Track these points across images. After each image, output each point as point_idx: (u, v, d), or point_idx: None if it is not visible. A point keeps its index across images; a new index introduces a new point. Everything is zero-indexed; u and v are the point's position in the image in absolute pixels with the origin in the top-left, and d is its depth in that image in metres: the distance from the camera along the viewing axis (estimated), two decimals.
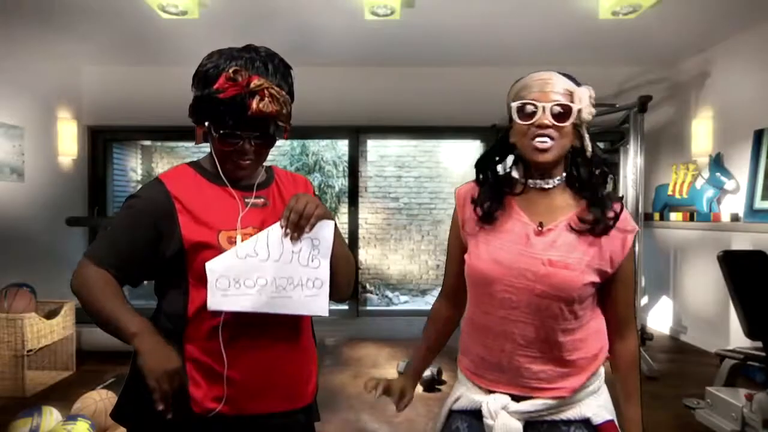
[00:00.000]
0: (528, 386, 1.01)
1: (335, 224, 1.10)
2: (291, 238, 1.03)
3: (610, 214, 1.00)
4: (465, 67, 4.54)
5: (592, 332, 1.04)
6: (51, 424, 2.23)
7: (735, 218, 3.59)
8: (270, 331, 1.07)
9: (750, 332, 2.38)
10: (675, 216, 4.11)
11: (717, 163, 3.76)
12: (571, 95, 0.99)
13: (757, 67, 3.53)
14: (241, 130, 1.03)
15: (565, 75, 1.02)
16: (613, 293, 1.05)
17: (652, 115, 4.22)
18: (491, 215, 1.06)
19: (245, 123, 1.02)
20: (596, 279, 1.00)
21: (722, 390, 2.46)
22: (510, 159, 1.11)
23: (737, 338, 3.30)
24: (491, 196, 1.07)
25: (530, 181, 1.05)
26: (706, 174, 3.82)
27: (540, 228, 1.02)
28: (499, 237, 1.04)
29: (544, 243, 1.00)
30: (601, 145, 5.12)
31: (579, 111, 0.99)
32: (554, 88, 0.99)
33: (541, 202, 1.05)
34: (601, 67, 4.48)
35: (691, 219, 3.93)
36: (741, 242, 3.49)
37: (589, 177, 1.03)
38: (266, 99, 1.00)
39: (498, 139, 1.11)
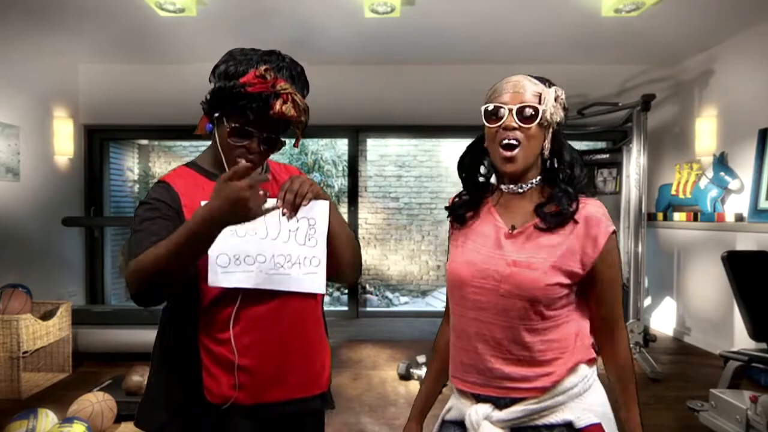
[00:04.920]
0: (501, 387, 1.01)
1: (331, 204, 1.13)
2: (288, 218, 1.06)
3: (569, 209, 1.01)
4: (466, 65, 4.50)
5: (569, 334, 1.02)
6: (47, 427, 2.21)
7: (739, 218, 3.55)
8: (279, 320, 1.09)
9: (754, 334, 2.36)
10: (678, 216, 4.08)
11: (721, 162, 3.72)
12: (539, 97, 1.01)
13: (762, 65, 3.49)
14: (255, 128, 1.06)
15: (536, 78, 1.05)
16: (594, 295, 1.05)
17: (655, 114, 4.18)
18: (462, 217, 1.11)
19: (263, 121, 1.05)
20: (564, 280, 0.99)
21: (726, 392, 2.42)
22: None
23: (741, 339, 3.27)
24: (468, 199, 1.12)
25: (503, 186, 1.08)
26: (710, 173, 3.78)
27: (511, 231, 1.04)
28: (474, 240, 1.08)
29: (514, 245, 1.03)
30: (602, 144, 5.07)
31: (544, 112, 1.01)
32: (523, 90, 1.02)
33: (517, 205, 1.07)
34: (603, 66, 4.45)
35: (695, 219, 3.90)
36: (745, 242, 3.45)
37: (561, 178, 1.05)
38: (289, 103, 1.04)
39: (474, 141, 1.14)
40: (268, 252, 1.06)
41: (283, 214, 1.06)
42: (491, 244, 1.05)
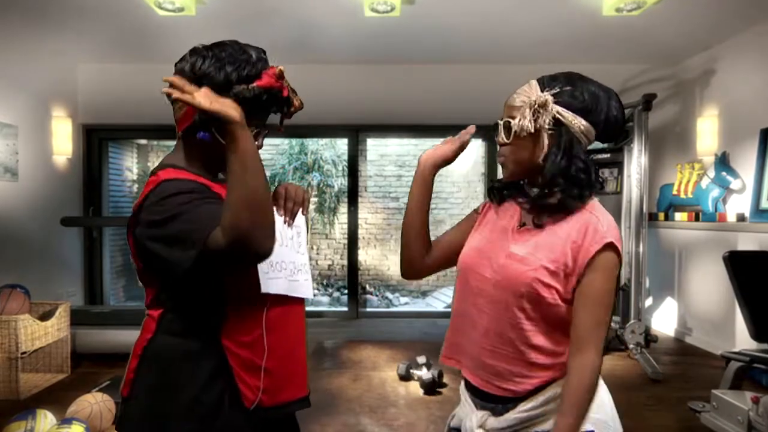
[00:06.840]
0: (483, 378, 1.03)
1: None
2: (288, 225, 1.10)
3: (551, 202, 1.01)
4: (466, 65, 4.49)
5: (558, 345, 1.00)
6: (45, 428, 2.19)
7: (741, 218, 3.54)
8: (287, 323, 1.11)
9: (756, 334, 2.35)
10: (680, 216, 4.07)
11: (722, 162, 3.71)
12: (521, 108, 1.00)
13: (763, 64, 3.48)
14: (263, 127, 1.06)
15: (544, 80, 1.03)
16: (574, 304, 0.98)
17: (657, 114, 4.17)
18: (501, 192, 1.13)
19: (265, 118, 1.06)
20: (551, 281, 0.96)
21: (728, 393, 2.42)
22: None
23: (743, 340, 3.25)
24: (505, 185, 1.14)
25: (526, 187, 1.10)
26: (711, 173, 3.77)
27: (521, 226, 1.06)
28: (489, 230, 1.11)
29: (518, 240, 1.04)
30: (602, 144, 5.06)
31: (520, 126, 0.99)
32: (513, 102, 1.03)
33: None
34: (604, 65, 4.43)
35: (697, 219, 3.89)
36: (747, 243, 3.44)
37: (547, 182, 1.02)
38: (297, 95, 1.06)
39: None
40: (287, 259, 1.09)
41: (285, 222, 1.09)
42: (501, 235, 1.07)
